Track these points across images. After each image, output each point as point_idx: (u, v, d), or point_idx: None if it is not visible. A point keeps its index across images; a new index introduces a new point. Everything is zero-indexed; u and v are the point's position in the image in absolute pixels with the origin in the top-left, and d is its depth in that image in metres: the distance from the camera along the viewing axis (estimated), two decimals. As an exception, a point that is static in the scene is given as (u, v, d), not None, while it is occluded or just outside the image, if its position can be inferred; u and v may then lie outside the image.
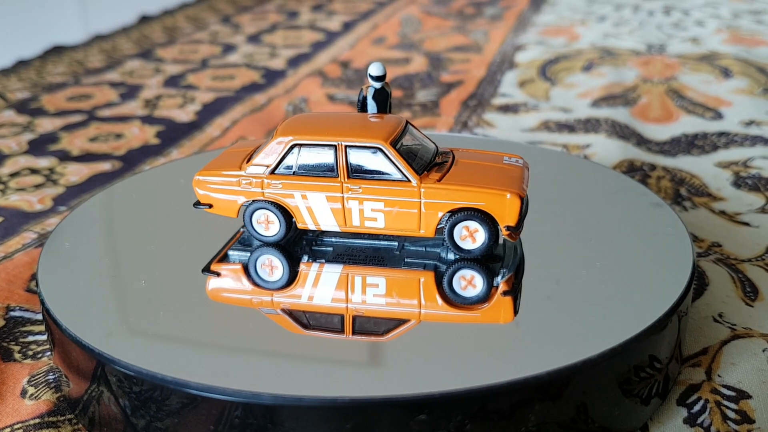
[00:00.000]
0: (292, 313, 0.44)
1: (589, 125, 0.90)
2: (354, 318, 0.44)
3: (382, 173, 0.48)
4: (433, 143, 0.52)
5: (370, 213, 0.48)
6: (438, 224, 0.48)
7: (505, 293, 0.45)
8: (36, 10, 1.33)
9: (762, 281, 0.57)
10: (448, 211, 0.47)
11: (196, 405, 0.38)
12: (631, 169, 0.78)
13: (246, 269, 0.49)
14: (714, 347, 0.50)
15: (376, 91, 0.53)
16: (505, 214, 0.47)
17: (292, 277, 0.48)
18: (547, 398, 0.38)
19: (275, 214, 0.50)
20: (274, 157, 0.49)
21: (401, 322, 0.43)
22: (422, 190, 0.47)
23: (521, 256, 0.49)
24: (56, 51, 1.30)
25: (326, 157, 0.48)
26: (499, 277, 0.47)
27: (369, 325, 0.43)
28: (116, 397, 0.40)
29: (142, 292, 0.47)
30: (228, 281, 0.48)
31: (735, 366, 0.48)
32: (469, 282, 0.46)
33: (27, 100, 1.05)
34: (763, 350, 0.49)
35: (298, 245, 0.51)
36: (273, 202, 0.49)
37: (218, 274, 0.48)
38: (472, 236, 0.48)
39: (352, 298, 0.46)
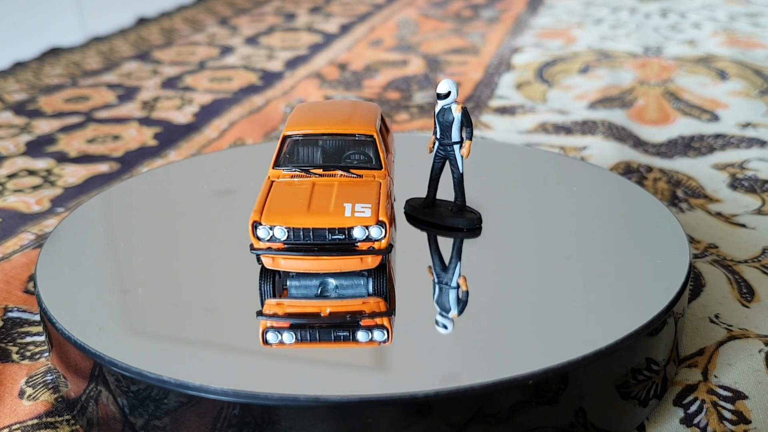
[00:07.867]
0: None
1: (586, 127, 0.91)
2: None
3: None
4: (383, 164, 0.49)
5: None
6: None
7: (270, 328, 0.43)
8: (33, 11, 1.33)
9: (758, 282, 0.58)
10: None
11: (194, 404, 0.38)
12: (627, 171, 0.78)
13: None
14: (710, 348, 0.50)
15: (441, 109, 0.51)
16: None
17: None
18: (544, 398, 0.38)
19: None
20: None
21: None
22: (265, 180, 0.49)
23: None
24: (54, 53, 1.30)
25: None
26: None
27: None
28: (114, 397, 0.40)
29: (140, 293, 0.47)
30: None
31: (731, 367, 0.48)
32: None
33: (24, 102, 1.05)
34: (759, 351, 0.50)
35: None
36: None
37: None
38: None
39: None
